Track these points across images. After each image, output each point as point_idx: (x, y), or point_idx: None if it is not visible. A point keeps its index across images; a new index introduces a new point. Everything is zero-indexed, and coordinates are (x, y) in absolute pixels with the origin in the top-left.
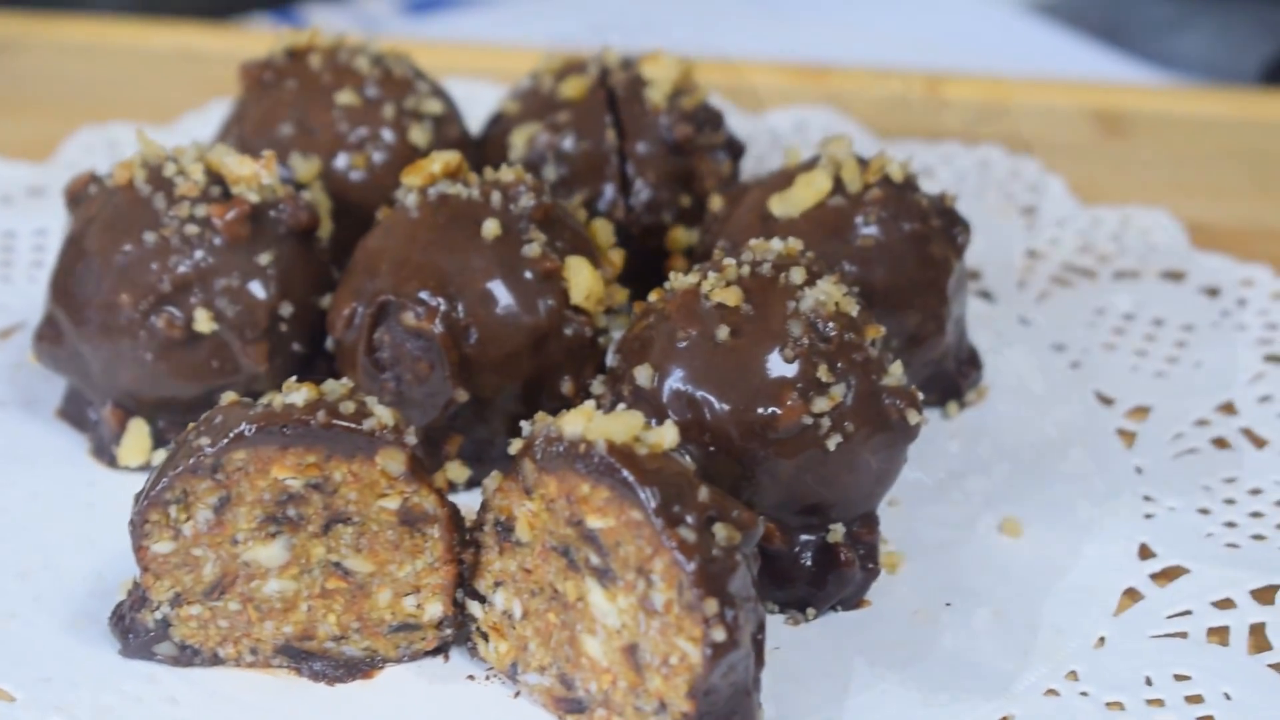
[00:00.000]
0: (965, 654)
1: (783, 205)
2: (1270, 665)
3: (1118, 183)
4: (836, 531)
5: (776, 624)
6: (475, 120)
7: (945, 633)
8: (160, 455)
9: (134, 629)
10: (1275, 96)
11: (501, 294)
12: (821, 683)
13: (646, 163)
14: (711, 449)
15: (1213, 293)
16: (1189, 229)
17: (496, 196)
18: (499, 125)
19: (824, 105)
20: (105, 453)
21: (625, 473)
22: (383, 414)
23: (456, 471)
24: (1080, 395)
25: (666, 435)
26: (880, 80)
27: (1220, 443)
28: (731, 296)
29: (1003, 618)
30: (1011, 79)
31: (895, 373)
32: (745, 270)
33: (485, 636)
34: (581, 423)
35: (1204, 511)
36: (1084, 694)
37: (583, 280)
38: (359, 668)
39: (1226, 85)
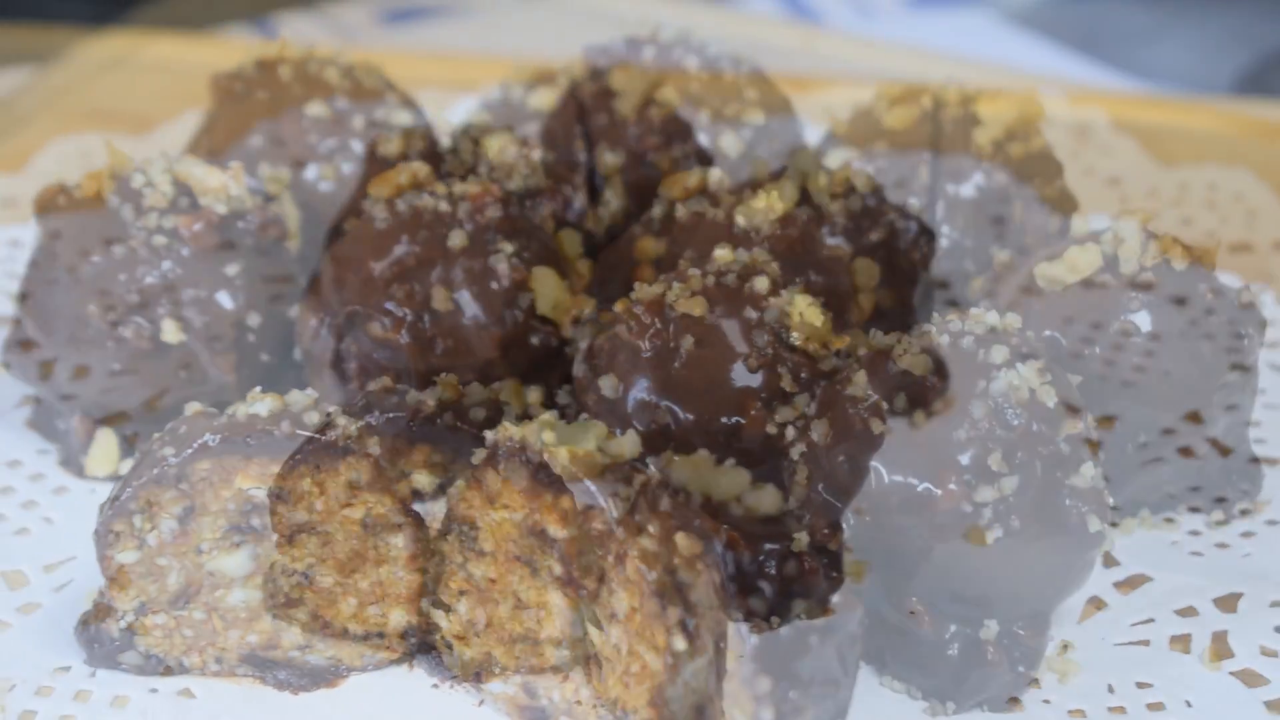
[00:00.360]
0: (928, 661)
1: (749, 215)
2: (1232, 673)
3: (1087, 191)
4: (800, 540)
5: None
6: (446, 131)
7: (907, 639)
8: (128, 465)
9: (99, 638)
10: (1249, 106)
11: (468, 304)
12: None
13: (615, 173)
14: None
15: (1181, 302)
16: (1158, 238)
17: (464, 207)
18: (468, 136)
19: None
20: (73, 462)
21: (587, 482)
22: (347, 424)
23: (422, 481)
24: (1047, 404)
25: (628, 445)
26: (856, 90)
27: (1186, 452)
28: (696, 307)
29: (966, 625)
30: (987, 88)
31: (860, 383)
32: (710, 280)
33: (449, 645)
34: (544, 432)
35: (1168, 520)
36: (1046, 701)
37: (549, 290)
38: (323, 676)
39: (1201, 95)
